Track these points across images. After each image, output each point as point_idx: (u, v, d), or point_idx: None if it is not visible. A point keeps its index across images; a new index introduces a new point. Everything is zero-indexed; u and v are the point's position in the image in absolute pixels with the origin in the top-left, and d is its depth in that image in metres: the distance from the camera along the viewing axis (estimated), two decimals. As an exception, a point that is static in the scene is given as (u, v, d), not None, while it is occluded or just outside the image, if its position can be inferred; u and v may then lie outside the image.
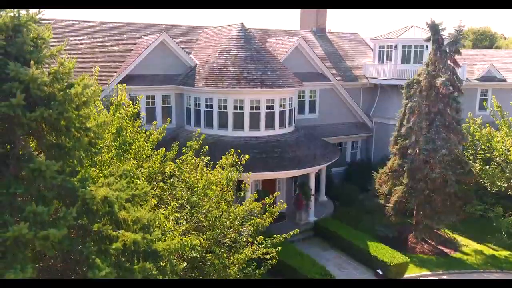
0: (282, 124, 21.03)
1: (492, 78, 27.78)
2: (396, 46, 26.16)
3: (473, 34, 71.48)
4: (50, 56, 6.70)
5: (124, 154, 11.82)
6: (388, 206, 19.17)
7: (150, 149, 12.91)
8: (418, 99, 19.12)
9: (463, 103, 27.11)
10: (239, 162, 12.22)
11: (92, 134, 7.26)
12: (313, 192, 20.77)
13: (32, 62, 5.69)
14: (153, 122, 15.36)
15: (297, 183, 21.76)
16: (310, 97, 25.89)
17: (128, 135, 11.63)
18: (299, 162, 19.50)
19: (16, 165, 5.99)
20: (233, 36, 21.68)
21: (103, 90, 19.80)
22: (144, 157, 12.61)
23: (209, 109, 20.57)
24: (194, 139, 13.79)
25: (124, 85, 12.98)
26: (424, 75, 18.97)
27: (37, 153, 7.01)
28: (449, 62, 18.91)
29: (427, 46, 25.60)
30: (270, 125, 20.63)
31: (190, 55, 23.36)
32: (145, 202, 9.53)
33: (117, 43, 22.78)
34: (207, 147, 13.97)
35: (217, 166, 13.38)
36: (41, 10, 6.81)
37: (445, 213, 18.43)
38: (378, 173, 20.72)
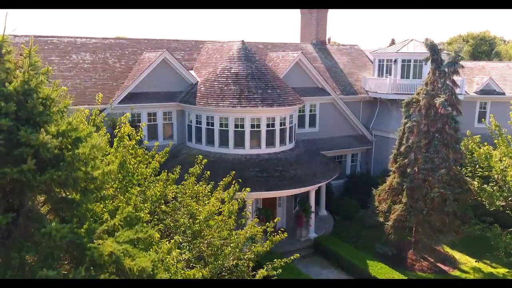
0: (282, 141, 21.24)
1: (491, 92, 27.98)
2: (395, 61, 26.36)
3: (472, 39, 71.73)
4: (58, 112, 6.90)
5: (128, 185, 12.03)
6: (388, 225, 19.37)
7: (153, 175, 13.12)
8: (417, 118, 19.33)
9: (462, 116, 27.44)
10: (241, 195, 12.40)
11: (98, 182, 7.46)
12: (313, 208, 20.99)
13: (42, 129, 5.89)
14: (155, 143, 15.53)
15: (297, 199, 21.95)
16: (310, 111, 26.10)
17: (131, 166, 11.81)
18: (299, 180, 19.70)
19: (25, 225, 6.20)
20: (234, 54, 21.88)
21: (104, 109, 20.12)
22: (147, 184, 12.81)
23: (210, 126, 20.78)
24: (196, 165, 13.99)
25: (128, 114, 13.14)
26: (423, 95, 19.17)
27: (42, 204, 7.22)
28: (447, 82, 19.11)
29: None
30: (270, 142, 20.84)
31: (191, 71, 23.60)
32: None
33: (119, 59, 22.98)
34: (209, 172, 14.21)
35: (218, 188, 13.68)
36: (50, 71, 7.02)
37: (443, 232, 18.65)
38: (377, 189, 20.91)
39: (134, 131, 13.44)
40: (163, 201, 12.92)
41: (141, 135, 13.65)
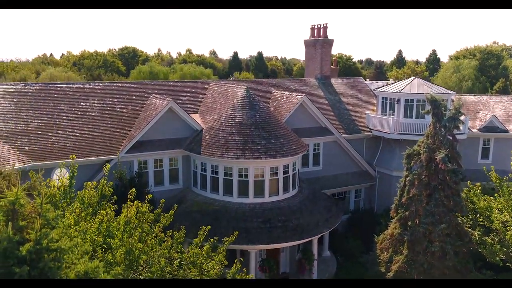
0: (285, 189, 21.63)
1: (494, 129, 28.13)
2: (398, 100, 26.64)
3: (479, 52, 71.56)
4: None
5: (134, 265, 12.52)
6: (389, 275, 19.68)
7: (157, 246, 13.62)
8: (418, 170, 19.63)
9: (466, 152, 27.64)
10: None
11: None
12: (316, 255, 21.34)
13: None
14: (161, 201, 15.98)
15: (300, 246, 22.30)
16: (314, 150, 26.48)
17: (137, 251, 12.27)
18: (302, 231, 20.07)
19: None
20: (238, 102, 22.29)
21: (112, 160, 20.64)
22: (153, 254, 13.29)
23: (215, 175, 21.23)
24: (199, 234, 14.45)
25: (133, 190, 13.58)
26: (424, 148, 19.46)
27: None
28: (448, 135, 19.38)
29: (429, 101, 26.06)
30: (274, 191, 21.24)
31: (196, 114, 24.11)
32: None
33: (126, 105, 23.49)
34: (212, 239, 14.61)
35: (221, 248, 14.28)
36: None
37: (444, 286, 18.90)
38: (379, 237, 21.21)
39: (140, 203, 13.93)
40: (169, 264, 13.55)
41: (147, 207, 14.10)
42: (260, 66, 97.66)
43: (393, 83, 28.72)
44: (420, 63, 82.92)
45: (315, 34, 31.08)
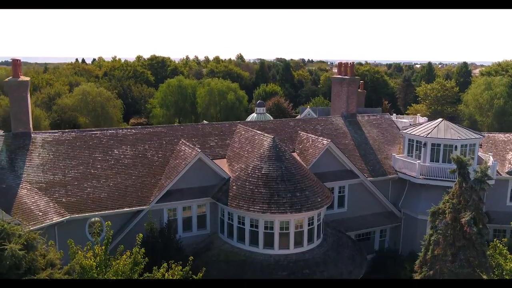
0: (310, 240, 22.05)
1: (524, 172, 27.73)
2: (425, 144, 26.60)
3: (512, 68, 69.80)
4: None
5: None
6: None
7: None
8: (443, 229, 19.69)
9: (494, 193, 27.35)
10: None
11: None
12: (339, 307, 21.67)
13: None
14: (190, 258, 16.69)
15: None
16: (339, 192, 26.76)
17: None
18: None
19: None
20: (265, 152, 22.81)
21: (143, 210, 21.53)
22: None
23: (241, 226, 21.84)
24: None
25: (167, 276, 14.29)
26: (449, 209, 19.52)
27: None
28: (474, 196, 19.37)
29: (456, 146, 25.99)
30: (298, 242, 21.69)
31: (224, 160, 24.78)
32: None
33: (156, 151, 24.37)
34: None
35: None
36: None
37: None
38: None
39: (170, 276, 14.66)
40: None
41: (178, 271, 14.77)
42: (287, 77, 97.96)
43: (420, 125, 28.60)
44: (450, 77, 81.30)
45: (342, 71, 31.31)
